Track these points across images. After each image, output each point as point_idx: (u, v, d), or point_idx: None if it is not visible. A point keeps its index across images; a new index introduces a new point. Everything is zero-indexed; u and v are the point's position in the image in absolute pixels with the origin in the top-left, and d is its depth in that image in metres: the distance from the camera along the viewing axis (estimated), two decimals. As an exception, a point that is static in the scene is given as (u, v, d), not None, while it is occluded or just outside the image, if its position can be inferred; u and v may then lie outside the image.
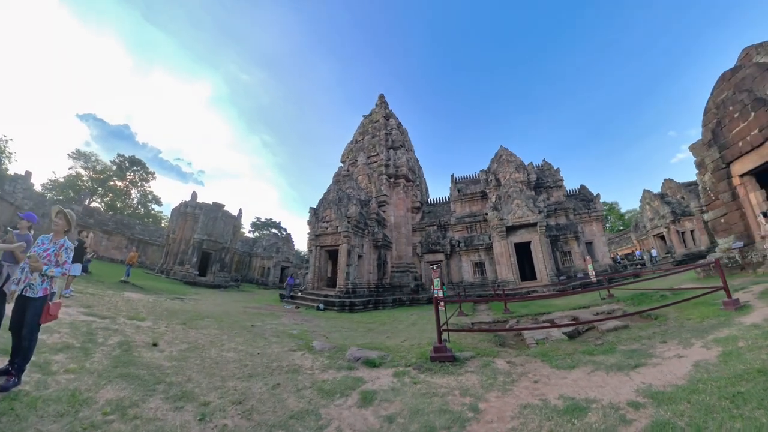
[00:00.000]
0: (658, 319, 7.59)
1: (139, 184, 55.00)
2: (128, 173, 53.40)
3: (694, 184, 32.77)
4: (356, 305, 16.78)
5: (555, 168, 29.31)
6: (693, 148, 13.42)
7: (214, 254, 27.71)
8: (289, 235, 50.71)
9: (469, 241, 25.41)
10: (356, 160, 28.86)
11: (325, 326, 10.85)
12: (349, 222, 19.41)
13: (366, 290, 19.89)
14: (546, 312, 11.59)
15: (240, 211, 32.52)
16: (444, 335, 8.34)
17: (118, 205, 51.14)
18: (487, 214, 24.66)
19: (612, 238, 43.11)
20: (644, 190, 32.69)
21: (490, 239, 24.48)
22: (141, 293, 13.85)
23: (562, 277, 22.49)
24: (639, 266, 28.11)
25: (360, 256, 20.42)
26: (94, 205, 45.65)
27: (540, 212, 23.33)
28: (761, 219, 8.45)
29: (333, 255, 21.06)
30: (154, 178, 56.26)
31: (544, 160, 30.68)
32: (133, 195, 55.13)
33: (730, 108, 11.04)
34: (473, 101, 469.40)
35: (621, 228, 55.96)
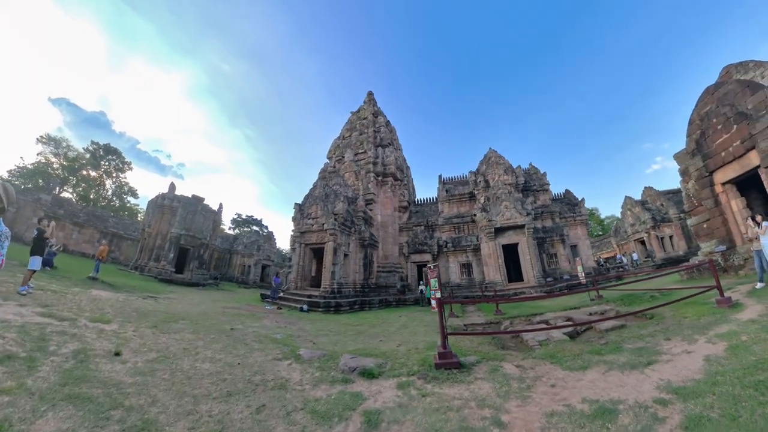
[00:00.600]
0: (654, 318, 7.65)
1: (114, 175, 51.81)
2: (103, 162, 50.12)
3: (672, 192, 33.70)
4: (342, 306, 16.13)
5: (542, 172, 29.52)
6: (677, 157, 13.87)
7: (192, 250, 26.43)
8: (271, 232, 49.24)
9: (457, 241, 25.13)
10: (343, 157, 28.17)
11: (311, 329, 10.19)
12: (335, 219, 18.73)
13: (351, 290, 19.27)
14: (538, 313, 11.47)
15: (220, 205, 31.24)
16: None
17: (91, 197, 48.33)
18: (475, 215, 24.44)
19: (593, 242, 43.92)
20: (626, 196, 33.37)
21: (477, 240, 24.27)
22: (110, 291, 12.77)
23: (549, 279, 22.62)
24: (621, 269, 28.65)
25: (346, 255, 19.77)
26: (65, 195, 43.12)
27: (528, 214, 23.32)
28: (750, 222, 8.61)
29: (318, 253, 20.33)
30: (131, 168, 53.34)
31: (530, 164, 30.86)
32: (108, 186, 51.98)
33: (714, 120, 11.55)
34: (459, 104, 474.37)
35: (600, 233, 57.22)
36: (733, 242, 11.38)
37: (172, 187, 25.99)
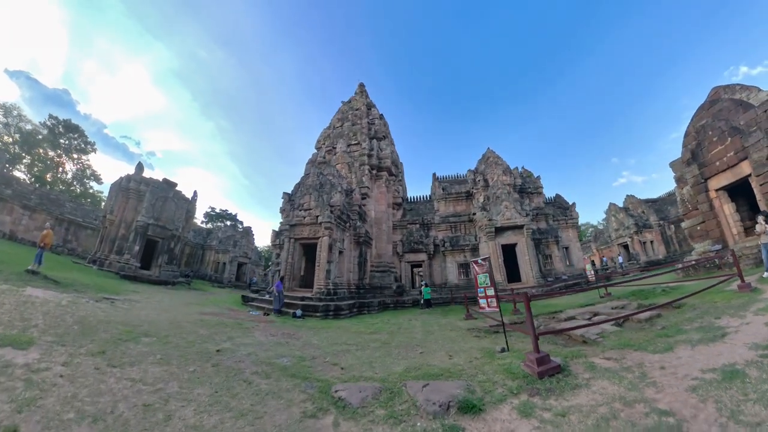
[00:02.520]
0: (682, 308, 7.52)
1: (75, 156, 44.71)
2: (62, 140, 42.77)
3: (652, 201, 33.94)
4: (342, 310, 13.73)
5: (535, 176, 28.61)
6: (673, 165, 14.54)
7: (161, 243, 22.70)
8: (249, 227, 44.91)
9: (455, 241, 23.37)
10: (334, 147, 25.62)
11: (321, 343, 7.79)
12: (332, 212, 16.29)
13: (346, 291, 16.87)
14: (559, 310, 10.97)
15: (195, 193, 27.28)
16: (491, 341, 7.69)
17: (48, 179, 41.55)
18: (474, 214, 22.85)
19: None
20: (610, 203, 33.42)
21: (476, 240, 22.70)
22: (53, 290, 9.65)
23: (549, 279, 21.59)
24: (608, 270, 28.53)
25: (341, 252, 17.37)
26: (17, 175, 37.33)
27: (527, 215, 22.13)
28: (760, 219, 8.60)
29: (309, 250, 17.75)
30: (95, 150, 46.24)
31: (523, 167, 29.87)
32: (68, 169, 44.92)
33: (710, 133, 12.32)
34: (441, 103, 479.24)
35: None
36: (725, 242, 12.06)
37: (140, 167, 22.01)
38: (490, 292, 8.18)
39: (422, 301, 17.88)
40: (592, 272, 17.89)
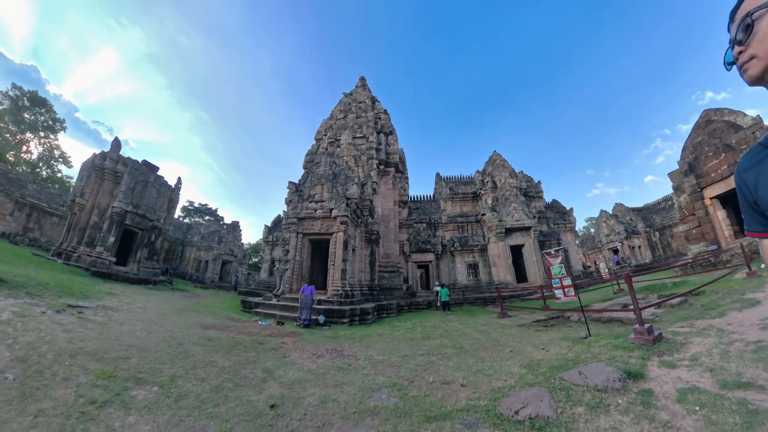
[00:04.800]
0: (703, 295, 7.69)
1: (42, 135, 37.57)
2: (27, 115, 35.62)
3: (638, 209, 33.98)
4: (367, 314, 11.29)
5: (536, 181, 27.52)
6: (671, 175, 15.24)
7: (140, 234, 18.93)
8: (237, 222, 40.15)
9: (464, 241, 21.57)
10: (337, 139, 23.02)
11: (388, 358, 5.69)
12: (348, 205, 13.82)
13: (359, 293, 14.39)
14: (586, 305, 10.44)
15: (179, 180, 23.35)
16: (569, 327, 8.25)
17: (10, 159, 34.79)
18: (484, 214, 21.20)
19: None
20: (601, 210, 33.37)
21: (485, 240, 21.02)
22: (-7, 292, 6.61)
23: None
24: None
25: (353, 250, 14.90)
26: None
27: (533, 217, 20.80)
28: None
29: (317, 246, 15.14)
30: (64, 128, 39.05)
31: (522, 172, 28.70)
32: (33, 148, 37.82)
33: (706, 148, 13.40)
34: (434, 106, 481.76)
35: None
36: (719, 244, 12.91)
37: (117, 144, 17.88)
38: (567, 282, 7.81)
39: (439, 303, 15.80)
40: (606, 270, 16.82)
